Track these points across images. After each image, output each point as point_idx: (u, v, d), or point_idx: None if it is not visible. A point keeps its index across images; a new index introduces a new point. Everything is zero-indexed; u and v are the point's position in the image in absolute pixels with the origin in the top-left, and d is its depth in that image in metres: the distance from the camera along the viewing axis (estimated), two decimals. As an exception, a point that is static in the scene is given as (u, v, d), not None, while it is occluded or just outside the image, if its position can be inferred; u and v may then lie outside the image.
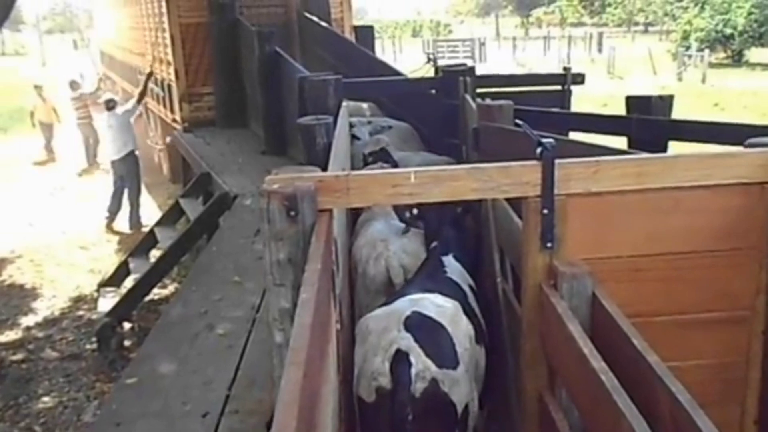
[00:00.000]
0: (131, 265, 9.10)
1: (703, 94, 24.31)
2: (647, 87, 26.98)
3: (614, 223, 2.94)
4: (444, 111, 7.30)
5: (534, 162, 2.84)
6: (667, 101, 5.67)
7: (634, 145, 5.47)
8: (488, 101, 5.15)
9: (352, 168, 5.46)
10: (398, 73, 9.20)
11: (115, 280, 9.21)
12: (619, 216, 2.95)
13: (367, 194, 2.76)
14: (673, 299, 2.95)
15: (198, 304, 4.86)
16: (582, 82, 8.02)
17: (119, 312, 7.68)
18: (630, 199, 2.93)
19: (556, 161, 2.82)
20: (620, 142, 5.59)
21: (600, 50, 44.04)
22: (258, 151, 10.05)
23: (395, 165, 6.00)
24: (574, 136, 6.05)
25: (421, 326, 3.06)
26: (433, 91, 7.73)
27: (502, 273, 4.04)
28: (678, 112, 5.92)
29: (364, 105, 8.10)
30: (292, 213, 2.51)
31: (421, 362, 2.94)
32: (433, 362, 2.96)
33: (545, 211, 2.83)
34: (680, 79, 30.49)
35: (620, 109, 6.30)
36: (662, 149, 5.47)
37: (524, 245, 2.93)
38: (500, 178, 2.83)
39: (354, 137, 6.58)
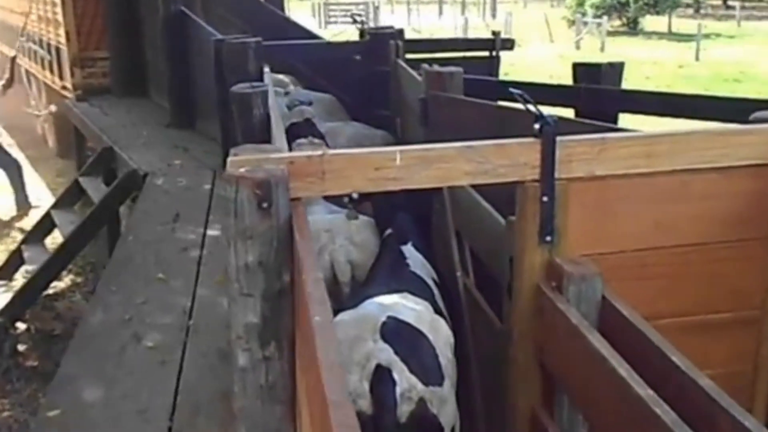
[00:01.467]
0: (25, 254, 8.02)
1: (604, 60, 24.57)
2: (547, 55, 27.10)
3: (619, 212, 2.66)
4: (371, 79, 6.87)
5: (532, 140, 2.51)
6: (617, 69, 5.38)
7: (583, 117, 5.04)
8: (436, 67, 4.70)
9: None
10: (315, 37, 8.64)
11: (5, 271, 8.15)
12: (625, 204, 2.66)
13: (345, 179, 2.37)
14: (678, 299, 2.72)
15: (120, 308, 4.24)
16: (511, 48, 7.73)
17: (12, 310, 6.71)
18: (636, 184, 2.63)
19: (558, 139, 2.49)
20: (567, 114, 5.23)
21: (494, 16, 44.15)
22: (162, 124, 9.28)
23: (323, 138, 5.50)
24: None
25: (400, 335, 2.65)
26: (358, 57, 7.21)
27: (462, 265, 3.66)
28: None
29: (282, 77, 7.50)
30: (265, 204, 2.11)
31: (405, 379, 2.52)
32: (418, 379, 2.55)
33: (545, 199, 2.50)
34: (578, 47, 30.76)
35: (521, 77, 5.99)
36: (612, 122, 5.12)
37: (518, 239, 2.60)
38: (496, 159, 2.49)
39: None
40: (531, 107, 2.50)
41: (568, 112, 5.33)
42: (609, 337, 2.26)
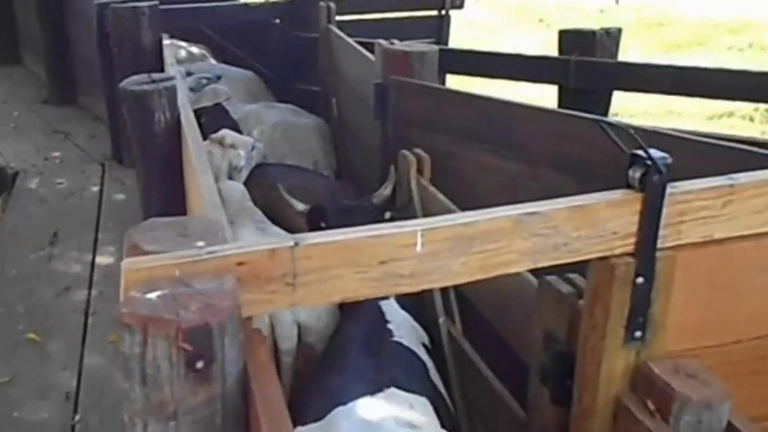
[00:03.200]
0: None
1: (524, 8, 23.76)
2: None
3: (739, 288, 1.92)
4: (294, 47, 5.94)
5: (626, 194, 1.72)
6: (614, 37, 4.56)
7: (571, 96, 4.40)
8: (397, 44, 3.61)
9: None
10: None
11: None
12: (749, 276, 1.92)
13: (329, 282, 1.50)
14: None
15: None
16: (461, 6, 6.70)
17: None
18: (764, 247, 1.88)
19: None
20: (547, 92, 4.51)
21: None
22: (39, 99, 8.08)
23: (235, 127, 4.40)
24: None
25: None
26: (278, 21, 6.17)
27: (445, 308, 3.01)
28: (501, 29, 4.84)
29: (194, 49, 6.25)
30: (200, 364, 1.25)
31: None
32: None
33: (640, 280, 1.74)
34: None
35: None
36: (605, 100, 4.51)
37: (585, 330, 1.85)
38: (571, 228, 1.69)
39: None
40: (617, 140, 1.78)
41: (551, 90, 4.61)
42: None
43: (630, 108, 7.91)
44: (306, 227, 3.16)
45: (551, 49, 5.09)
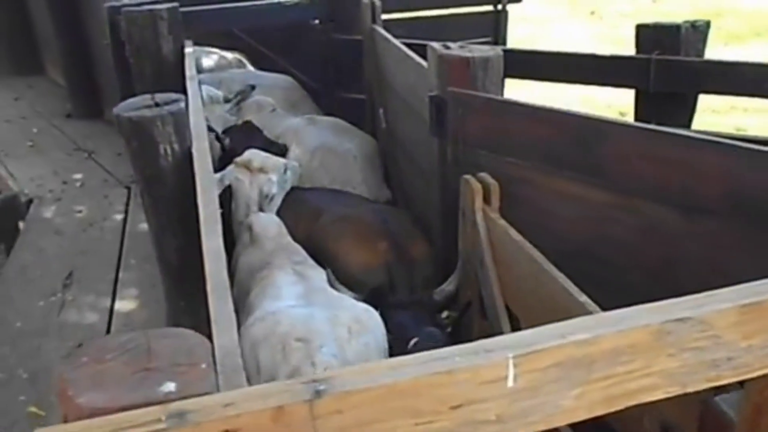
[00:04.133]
0: None
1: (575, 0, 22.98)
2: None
3: None
4: (336, 51, 5.52)
5: None
6: (701, 31, 4.11)
7: (649, 101, 4.11)
8: (455, 48, 3.13)
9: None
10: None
11: None
12: None
13: None
14: None
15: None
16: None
17: None
18: None
19: None
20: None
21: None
22: (62, 113, 7.75)
23: (268, 145, 4.04)
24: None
25: None
26: (317, 22, 5.72)
27: None
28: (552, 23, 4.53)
29: (228, 55, 5.84)
30: None
31: None
32: None
33: None
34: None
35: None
36: (690, 105, 4.20)
37: None
38: (739, 337, 1.23)
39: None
40: None
41: (628, 94, 4.31)
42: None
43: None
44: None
45: (604, 42, 4.70)
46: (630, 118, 4.29)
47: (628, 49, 4.45)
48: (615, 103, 7.13)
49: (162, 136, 2.67)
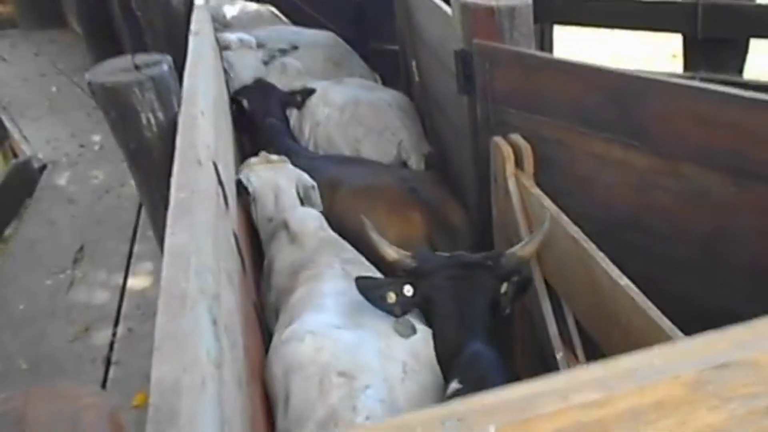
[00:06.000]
0: None
1: None
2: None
3: None
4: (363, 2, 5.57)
5: None
6: None
7: (696, 47, 4.19)
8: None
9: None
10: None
11: None
12: None
13: None
14: None
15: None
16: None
17: None
18: None
19: None
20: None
21: None
22: (83, 68, 7.44)
23: (288, 105, 4.04)
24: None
25: None
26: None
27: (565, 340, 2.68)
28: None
29: (259, 8, 5.73)
30: None
31: None
32: None
33: None
34: None
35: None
36: (742, 52, 4.24)
37: None
38: None
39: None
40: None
41: (675, 39, 4.55)
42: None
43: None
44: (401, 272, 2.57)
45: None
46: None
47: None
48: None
49: (142, 105, 2.56)
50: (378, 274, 2.73)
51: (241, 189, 3.17)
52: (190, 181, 1.97)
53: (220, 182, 2.36)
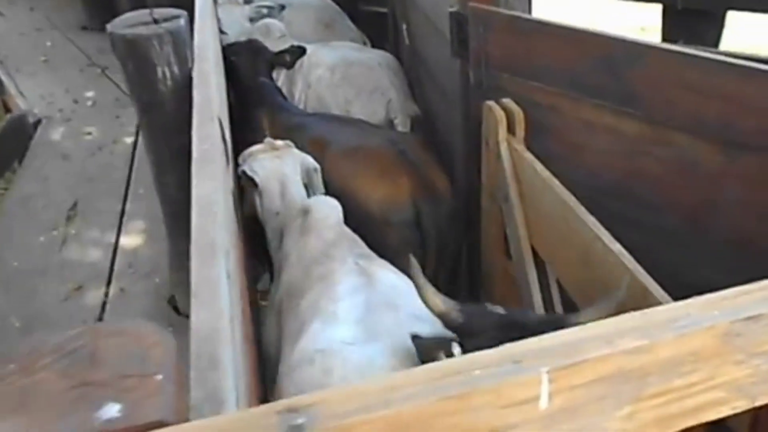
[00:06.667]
0: None
1: None
2: None
3: None
4: None
5: None
6: None
7: (675, 17, 4.23)
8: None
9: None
10: None
11: None
12: None
13: None
14: None
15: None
16: None
17: None
18: None
19: None
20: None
21: None
22: (78, 24, 7.67)
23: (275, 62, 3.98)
24: None
25: None
26: None
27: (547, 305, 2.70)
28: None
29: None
30: None
31: None
32: None
33: None
34: None
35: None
36: (718, 23, 4.27)
37: None
38: None
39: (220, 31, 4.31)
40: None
41: (645, 11, 4.68)
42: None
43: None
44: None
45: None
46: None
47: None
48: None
49: (159, 58, 2.61)
50: (390, 267, 2.68)
51: (246, 181, 3.04)
52: (210, 135, 2.00)
53: (224, 139, 2.38)
